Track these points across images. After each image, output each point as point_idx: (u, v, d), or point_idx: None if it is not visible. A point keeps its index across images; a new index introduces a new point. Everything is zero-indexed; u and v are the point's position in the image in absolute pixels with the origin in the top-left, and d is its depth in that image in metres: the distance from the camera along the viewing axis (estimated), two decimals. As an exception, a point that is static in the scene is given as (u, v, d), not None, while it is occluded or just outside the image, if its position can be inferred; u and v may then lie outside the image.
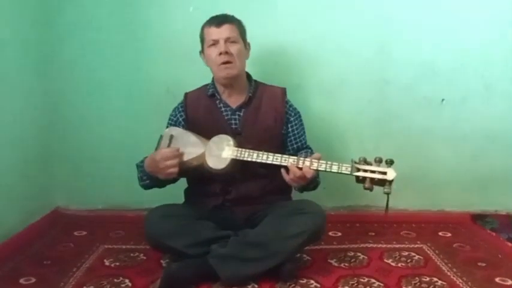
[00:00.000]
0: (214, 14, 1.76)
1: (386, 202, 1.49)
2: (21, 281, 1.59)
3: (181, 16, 2.14)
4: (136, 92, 2.20)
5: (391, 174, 1.45)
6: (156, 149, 1.69)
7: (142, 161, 1.69)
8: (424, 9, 2.17)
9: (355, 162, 1.49)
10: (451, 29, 2.19)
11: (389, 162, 1.46)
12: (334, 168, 1.50)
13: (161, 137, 1.71)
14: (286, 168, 1.55)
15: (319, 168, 1.51)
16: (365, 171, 1.47)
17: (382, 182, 1.46)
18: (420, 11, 2.17)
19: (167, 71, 2.18)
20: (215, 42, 1.69)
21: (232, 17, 1.75)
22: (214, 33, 1.69)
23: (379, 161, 1.47)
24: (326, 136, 2.21)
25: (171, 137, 1.67)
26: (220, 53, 1.67)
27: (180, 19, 2.14)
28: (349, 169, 1.48)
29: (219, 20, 1.71)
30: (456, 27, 2.19)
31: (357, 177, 1.48)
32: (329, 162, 1.51)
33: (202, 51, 1.78)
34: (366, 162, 1.48)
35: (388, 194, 1.46)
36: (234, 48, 1.70)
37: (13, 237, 1.88)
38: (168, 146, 1.66)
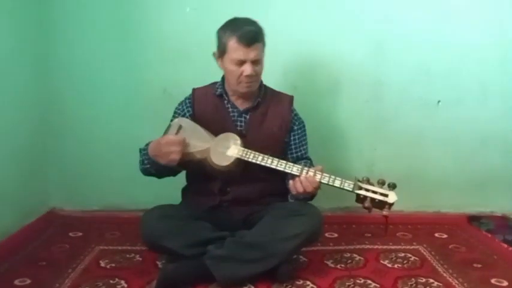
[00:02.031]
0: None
1: (386, 225, 1.49)
2: (16, 282, 1.58)
3: (178, 16, 2.14)
4: (133, 92, 2.20)
5: (392, 197, 1.46)
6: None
7: (146, 145, 1.67)
8: (419, 11, 2.18)
9: (358, 181, 1.49)
10: (447, 30, 2.20)
11: (392, 186, 1.47)
12: (337, 183, 1.50)
13: (169, 126, 1.70)
14: (293, 177, 1.55)
15: (322, 181, 1.51)
16: (367, 190, 1.47)
17: (382, 204, 1.46)
18: (415, 12, 2.18)
19: (164, 72, 2.17)
20: (241, 62, 1.62)
21: (261, 31, 1.65)
22: (242, 53, 1.60)
23: (381, 183, 1.48)
24: (322, 138, 2.21)
25: (180, 127, 1.66)
26: (246, 76, 1.63)
27: (177, 19, 2.14)
28: (352, 186, 1.49)
29: (249, 39, 1.59)
30: (452, 29, 2.20)
31: (357, 196, 1.48)
32: (332, 176, 1.51)
33: (219, 57, 1.68)
34: (369, 183, 1.49)
35: (386, 216, 1.46)
36: (258, 68, 1.66)
37: (8, 238, 1.87)
38: (176, 135, 1.64)
